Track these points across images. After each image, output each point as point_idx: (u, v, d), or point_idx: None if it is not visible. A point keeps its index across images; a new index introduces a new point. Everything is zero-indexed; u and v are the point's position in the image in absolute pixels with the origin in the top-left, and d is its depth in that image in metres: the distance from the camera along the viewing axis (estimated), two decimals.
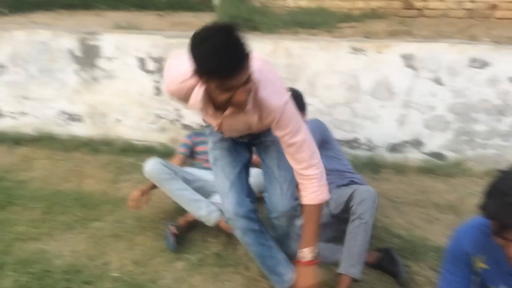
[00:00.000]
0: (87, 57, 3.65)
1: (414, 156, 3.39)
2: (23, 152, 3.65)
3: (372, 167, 3.28)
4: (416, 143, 3.38)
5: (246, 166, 2.03)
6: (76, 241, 2.47)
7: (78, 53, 3.65)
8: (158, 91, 3.59)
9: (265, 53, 3.38)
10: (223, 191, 1.92)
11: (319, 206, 1.71)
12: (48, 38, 3.66)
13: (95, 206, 2.81)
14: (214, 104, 1.59)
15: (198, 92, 1.57)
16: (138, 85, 3.60)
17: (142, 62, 3.55)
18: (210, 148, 2.01)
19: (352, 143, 3.45)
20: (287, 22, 4.20)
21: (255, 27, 4.03)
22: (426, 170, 3.27)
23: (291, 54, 3.37)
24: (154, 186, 2.55)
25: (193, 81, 1.54)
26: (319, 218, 1.73)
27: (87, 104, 3.76)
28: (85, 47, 3.63)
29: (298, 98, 2.77)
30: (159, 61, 3.51)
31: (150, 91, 3.60)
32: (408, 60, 3.23)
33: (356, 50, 3.29)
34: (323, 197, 1.70)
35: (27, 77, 3.78)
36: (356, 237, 2.05)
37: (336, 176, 2.51)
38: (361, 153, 3.43)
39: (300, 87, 3.12)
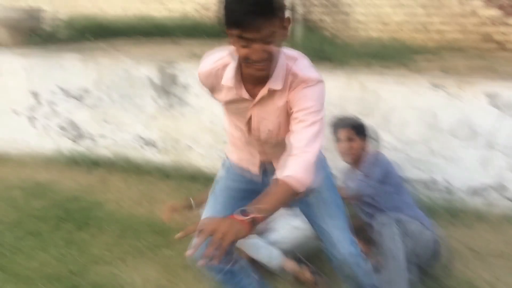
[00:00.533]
0: (165, 84, 3.79)
1: (497, 202, 3.15)
2: (100, 174, 3.83)
3: (451, 211, 3.08)
4: (500, 188, 3.14)
5: None
6: (147, 268, 2.51)
7: (156, 80, 3.81)
8: None
9: (338, 87, 3.33)
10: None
11: (291, 190, 1.39)
12: (129, 66, 3.86)
13: (165, 232, 2.86)
14: (244, 77, 1.53)
15: (231, 69, 1.52)
16: (211, 114, 3.67)
17: None
18: (216, 179, 1.89)
19: (429, 184, 3.27)
20: (360, 54, 4.14)
21: (326, 58, 4.00)
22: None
23: (366, 88, 3.30)
24: (190, 207, 2.55)
25: (227, 59, 1.52)
26: (283, 199, 1.39)
27: (162, 130, 3.89)
28: (163, 75, 3.78)
29: (360, 125, 2.73)
30: None
31: (221, 120, 3.66)
32: (493, 99, 3.04)
33: (435, 86, 3.16)
34: (301, 183, 1.40)
35: (109, 101, 3.99)
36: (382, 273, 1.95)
37: (393, 213, 2.42)
38: (438, 195, 3.24)
39: (373, 122, 3.04)
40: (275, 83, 1.48)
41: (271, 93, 1.51)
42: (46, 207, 3.23)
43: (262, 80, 1.50)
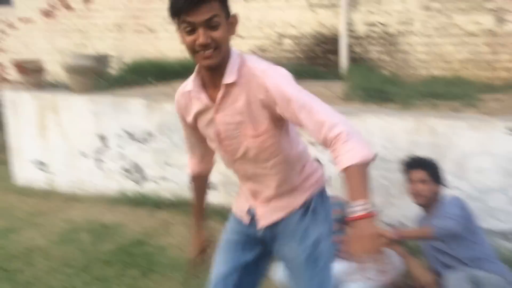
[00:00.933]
0: None
1: None
2: (163, 216, 3.87)
3: None
4: None
5: (243, 271, 1.69)
6: None
7: None
8: None
9: (406, 130, 3.21)
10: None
11: (363, 167, 1.28)
12: None
13: None
14: (204, 83, 1.53)
15: (192, 76, 1.55)
16: None
17: None
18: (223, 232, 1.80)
19: (508, 235, 3.03)
20: (423, 93, 4.00)
21: (389, 99, 3.90)
22: None
23: (436, 132, 3.16)
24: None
25: (193, 81, 1.54)
26: (366, 177, 1.29)
27: (223, 174, 3.89)
28: None
29: (434, 168, 2.61)
30: None
31: None
32: None
33: (511, 130, 2.97)
34: (365, 153, 1.29)
35: (171, 145, 4.07)
36: None
37: (473, 265, 2.27)
38: None
39: (446, 168, 2.87)
40: (229, 78, 1.46)
41: (229, 91, 1.48)
42: (112, 251, 3.28)
43: (220, 83, 1.48)
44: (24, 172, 4.77)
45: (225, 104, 1.50)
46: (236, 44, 5.92)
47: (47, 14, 7.61)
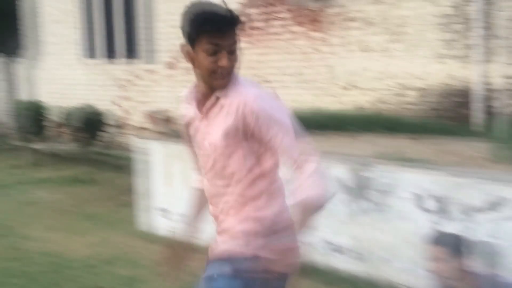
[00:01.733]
0: (358, 188, 3.57)
1: None
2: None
3: None
4: None
5: None
6: None
7: (348, 183, 3.61)
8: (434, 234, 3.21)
9: None
10: None
11: (313, 205, 1.44)
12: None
13: None
14: (198, 95, 1.63)
15: (191, 90, 1.66)
16: (414, 224, 3.29)
17: (419, 199, 3.27)
18: None
19: None
20: None
21: None
22: None
23: None
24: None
25: (191, 92, 1.66)
26: (311, 214, 1.46)
27: (353, 237, 3.61)
28: (356, 177, 3.58)
29: (456, 242, 2.40)
30: (441, 200, 3.16)
31: (426, 232, 3.24)
32: None
33: None
34: (320, 193, 1.44)
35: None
36: None
37: None
38: None
39: None
40: (221, 92, 1.54)
41: (217, 104, 1.56)
42: None
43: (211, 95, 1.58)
44: (148, 218, 4.90)
45: (211, 114, 1.58)
46: (353, 95, 5.74)
47: (170, 65, 8.14)
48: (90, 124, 8.23)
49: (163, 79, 8.27)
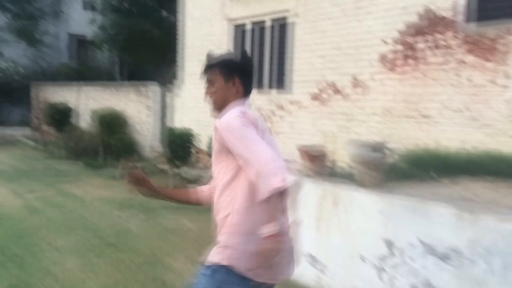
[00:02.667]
0: None
1: None
2: None
3: None
4: None
5: None
6: None
7: None
8: None
9: None
10: None
11: (275, 197, 1.77)
12: None
13: None
14: None
15: None
16: None
17: None
18: None
19: None
20: None
21: None
22: None
23: None
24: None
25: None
26: (276, 205, 1.79)
27: None
28: None
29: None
30: None
31: None
32: None
33: None
34: (278, 186, 1.75)
35: (486, 269, 3.08)
36: None
37: None
38: None
39: None
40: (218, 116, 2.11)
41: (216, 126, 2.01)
42: None
43: None
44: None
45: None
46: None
47: (316, 97, 7.79)
48: None
49: (306, 110, 7.95)
